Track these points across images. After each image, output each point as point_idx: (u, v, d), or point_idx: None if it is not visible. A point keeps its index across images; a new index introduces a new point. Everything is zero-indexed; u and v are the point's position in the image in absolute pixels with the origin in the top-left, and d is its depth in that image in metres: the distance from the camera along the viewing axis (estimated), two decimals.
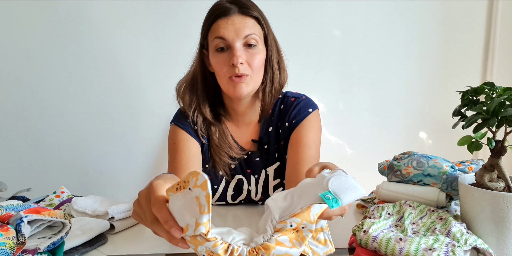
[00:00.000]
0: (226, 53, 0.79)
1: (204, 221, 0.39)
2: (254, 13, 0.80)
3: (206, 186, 0.38)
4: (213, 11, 0.80)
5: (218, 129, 0.89)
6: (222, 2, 0.80)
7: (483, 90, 0.61)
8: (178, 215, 0.41)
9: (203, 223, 0.39)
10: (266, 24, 0.83)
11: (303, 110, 0.89)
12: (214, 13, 0.80)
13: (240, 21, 0.78)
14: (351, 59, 1.58)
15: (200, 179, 0.39)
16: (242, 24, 0.78)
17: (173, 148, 0.87)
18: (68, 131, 1.56)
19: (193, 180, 0.39)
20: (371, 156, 1.44)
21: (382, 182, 0.82)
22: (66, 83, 1.52)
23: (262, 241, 0.43)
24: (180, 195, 0.40)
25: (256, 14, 0.81)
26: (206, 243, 0.41)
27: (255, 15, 0.80)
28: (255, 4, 0.83)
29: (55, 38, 1.49)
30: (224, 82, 0.82)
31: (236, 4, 0.79)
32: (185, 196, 0.40)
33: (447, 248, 0.54)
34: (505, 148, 0.59)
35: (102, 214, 0.79)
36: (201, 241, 0.41)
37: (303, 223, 0.42)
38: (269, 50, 0.84)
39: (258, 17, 0.81)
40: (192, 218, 0.40)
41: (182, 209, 0.40)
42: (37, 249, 0.57)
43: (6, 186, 0.93)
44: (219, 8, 0.79)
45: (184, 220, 0.41)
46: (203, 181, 0.39)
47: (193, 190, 0.39)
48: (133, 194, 0.93)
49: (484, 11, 1.55)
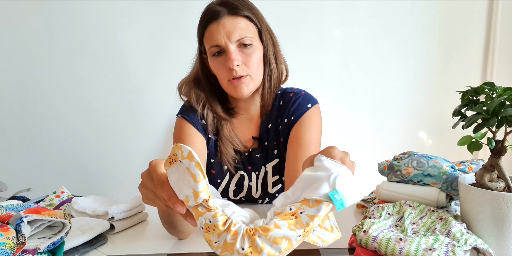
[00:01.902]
0: (222, 57, 0.80)
1: (201, 189, 0.40)
2: (244, 12, 0.79)
3: (193, 156, 0.39)
4: (204, 16, 0.81)
5: (230, 123, 0.90)
6: (211, 6, 0.80)
7: (483, 90, 0.61)
8: (177, 188, 0.41)
9: (201, 190, 0.40)
10: (258, 20, 0.82)
11: (302, 106, 0.88)
12: (205, 18, 0.80)
13: (230, 23, 0.78)
14: (351, 59, 1.58)
15: (185, 151, 0.39)
16: (233, 27, 0.77)
17: (179, 142, 0.87)
18: (68, 131, 1.56)
19: (179, 152, 0.40)
20: (371, 156, 1.44)
21: (382, 182, 0.82)
22: (66, 83, 1.52)
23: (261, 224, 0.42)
24: (174, 168, 0.41)
25: (247, 13, 0.80)
26: (207, 213, 0.41)
27: (246, 14, 0.80)
28: (245, 1, 0.82)
29: (55, 38, 1.49)
30: (225, 85, 0.83)
31: (225, 5, 0.79)
32: (177, 168, 0.41)
33: (447, 248, 0.54)
34: (505, 148, 0.59)
35: (102, 214, 0.79)
36: (202, 211, 0.41)
37: (302, 207, 0.42)
38: (265, 45, 0.84)
39: (249, 15, 0.80)
40: (189, 189, 0.40)
41: (179, 181, 0.41)
42: (37, 249, 0.57)
43: (6, 186, 0.93)
44: (209, 13, 0.79)
45: (182, 192, 0.41)
46: (188, 152, 0.39)
47: (183, 162, 0.40)
48: (133, 194, 0.93)
49: (484, 11, 1.55)
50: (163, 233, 0.76)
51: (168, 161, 0.42)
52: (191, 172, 0.39)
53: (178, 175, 0.41)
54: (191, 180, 0.40)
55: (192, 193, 0.40)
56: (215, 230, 0.41)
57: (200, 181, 0.39)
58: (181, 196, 0.42)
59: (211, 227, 0.41)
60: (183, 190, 0.41)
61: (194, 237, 0.75)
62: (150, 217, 0.88)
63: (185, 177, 0.40)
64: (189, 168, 0.39)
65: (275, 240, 0.40)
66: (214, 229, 0.41)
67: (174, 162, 0.41)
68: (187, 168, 0.40)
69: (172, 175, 0.42)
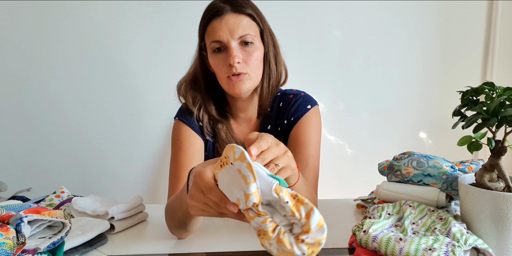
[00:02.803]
0: (223, 54, 0.80)
1: (252, 191, 0.39)
2: (247, 10, 0.80)
3: (244, 157, 0.39)
4: (207, 12, 0.81)
5: (226, 125, 0.90)
6: (215, 2, 0.81)
7: (483, 90, 0.61)
8: (227, 191, 0.41)
9: (252, 193, 0.39)
10: (261, 20, 0.83)
11: (301, 107, 0.88)
12: (208, 14, 0.80)
13: (234, 20, 0.78)
14: (351, 59, 1.58)
15: (237, 152, 0.39)
16: (236, 23, 0.78)
17: (177, 144, 0.87)
18: (68, 131, 1.56)
19: (231, 154, 0.40)
20: (371, 156, 1.44)
21: (382, 182, 0.82)
22: (66, 83, 1.52)
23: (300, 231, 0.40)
24: (225, 171, 0.41)
25: (250, 11, 0.80)
26: (257, 218, 0.40)
27: (249, 12, 0.80)
28: (249, 1, 0.83)
29: (55, 39, 1.49)
30: (224, 82, 0.82)
31: (229, 3, 0.80)
32: (229, 171, 0.40)
33: (447, 248, 0.54)
34: (505, 148, 0.59)
35: (102, 214, 0.79)
36: (253, 216, 0.40)
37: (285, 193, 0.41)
38: (266, 46, 0.84)
39: (252, 14, 0.81)
40: (240, 191, 0.39)
41: (229, 184, 0.40)
42: (37, 249, 0.57)
43: (6, 186, 0.93)
44: (213, 9, 0.79)
45: (233, 196, 0.40)
46: (240, 152, 0.39)
47: (234, 164, 0.39)
48: (133, 194, 0.93)
49: (484, 11, 1.55)
50: (163, 233, 0.76)
51: (219, 164, 0.41)
52: (242, 174, 0.39)
53: (229, 178, 0.40)
54: (242, 182, 0.39)
55: (243, 195, 0.39)
56: (265, 237, 0.40)
57: (250, 183, 0.38)
58: (232, 199, 0.41)
59: (262, 232, 0.41)
60: (234, 193, 0.40)
61: (194, 237, 0.75)
62: (150, 217, 0.88)
63: (236, 179, 0.40)
64: (240, 169, 0.39)
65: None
66: (264, 235, 0.40)
67: (225, 165, 0.41)
68: (238, 170, 0.39)
69: (222, 179, 0.41)
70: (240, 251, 0.68)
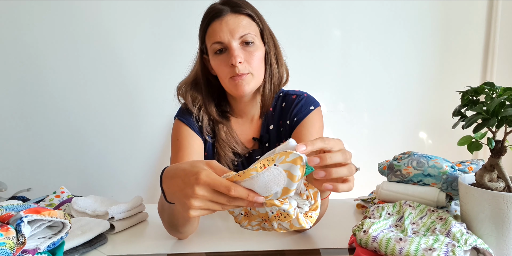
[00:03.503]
0: (224, 54, 0.80)
1: (294, 188, 0.46)
2: (247, 11, 0.81)
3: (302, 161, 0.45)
4: (207, 14, 0.82)
5: (226, 126, 0.90)
6: (214, 4, 0.82)
7: (483, 90, 0.61)
8: (263, 189, 0.47)
9: (293, 189, 0.46)
10: (260, 20, 0.84)
11: (304, 108, 0.89)
12: (207, 16, 0.81)
13: (234, 21, 0.79)
14: (351, 59, 1.58)
15: (291, 157, 0.45)
16: (236, 24, 0.78)
17: (176, 144, 0.87)
18: (68, 131, 1.56)
19: (282, 158, 0.46)
20: (371, 156, 1.44)
21: (382, 182, 0.82)
22: (66, 83, 1.53)
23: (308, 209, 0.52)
24: (267, 172, 0.46)
25: (249, 12, 0.81)
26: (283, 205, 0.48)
27: (249, 13, 0.81)
28: (247, 2, 0.84)
29: (55, 39, 1.49)
30: (226, 83, 0.83)
31: (228, 4, 0.80)
32: (271, 172, 0.46)
33: (447, 248, 0.54)
34: (505, 148, 0.59)
35: (102, 214, 0.79)
36: (278, 204, 0.48)
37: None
38: (266, 45, 0.84)
39: (252, 15, 0.82)
40: (278, 188, 0.46)
41: (269, 183, 0.46)
42: (37, 249, 0.57)
43: (6, 186, 0.94)
44: (212, 10, 0.80)
45: (269, 192, 0.47)
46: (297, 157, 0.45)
47: (279, 166, 0.46)
48: (133, 194, 0.93)
49: (484, 11, 1.55)
50: (163, 233, 0.76)
51: (259, 166, 0.47)
52: (290, 173, 0.45)
53: (271, 177, 0.46)
54: (287, 181, 0.46)
55: (281, 190, 0.47)
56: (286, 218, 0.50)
57: (297, 181, 0.45)
58: (265, 194, 0.47)
59: (283, 215, 0.50)
60: (272, 190, 0.47)
61: (194, 237, 0.75)
62: (150, 217, 0.88)
63: (279, 178, 0.46)
64: (290, 170, 0.45)
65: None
66: (286, 217, 0.50)
67: (265, 167, 0.46)
68: (286, 170, 0.45)
69: (261, 179, 0.46)
70: (240, 251, 0.68)
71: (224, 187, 0.47)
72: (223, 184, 0.47)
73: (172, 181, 0.52)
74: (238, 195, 0.47)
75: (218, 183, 0.47)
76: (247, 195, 0.48)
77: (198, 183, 0.47)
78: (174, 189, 0.52)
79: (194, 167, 0.50)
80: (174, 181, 0.52)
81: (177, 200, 0.52)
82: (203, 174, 0.48)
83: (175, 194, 0.52)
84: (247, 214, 0.56)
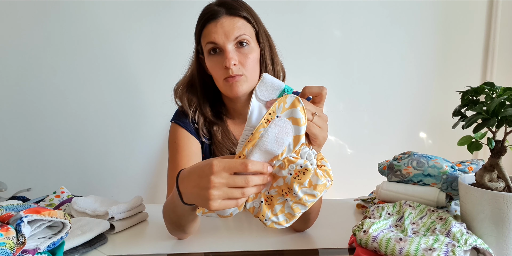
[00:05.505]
0: (219, 56, 0.80)
1: (303, 132, 0.47)
2: (242, 13, 0.81)
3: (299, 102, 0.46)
4: (202, 16, 0.82)
5: (221, 127, 0.90)
6: (210, 6, 0.82)
7: (483, 90, 0.61)
8: (275, 144, 0.47)
9: (303, 133, 0.47)
10: (256, 21, 0.83)
11: None
12: (203, 18, 0.81)
13: (229, 23, 0.79)
14: (351, 59, 1.58)
15: (288, 101, 0.46)
16: (231, 26, 0.78)
17: (174, 147, 0.87)
18: (68, 131, 1.56)
19: (281, 106, 0.46)
20: (371, 156, 1.44)
21: (382, 182, 0.82)
22: (65, 83, 1.53)
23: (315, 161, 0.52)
24: (273, 125, 0.47)
25: (245, 14, 0.81)
26: (298, 160, 0.48)
27: (244, 15, 0.81)
28: (244, 3, 0.84)
29: (55, 39, 1.49)
30: (221, 84, 0.83)
31: (224, 5, 0.80)
32: (277, 124, 0.47)
33: (447, 248, 0.54)
34: (505, 148, 0.59)
35: (102, 214, 0.79)
36: (293, 160, 0.48)
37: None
38: (262, 47, 0.84)
39: (247, 16, 0.81)
40: (289, 137, 0.47)
41: (279, 134, 0.47)
42: (37, 249, 0.57)
43: (6, 186, 0.94)
44: (208, 12, 0.80)
45: (283, 145, 0.47)
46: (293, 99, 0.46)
47: (281, 115, 0.46)
48: (133, 194, 0.93)
49: (484, 11, 1.55)
50: (163, 233, 0.76)
51: (264, 122, 0.47)
52: (294, 118, 0.46)
53: (278, 129, 0.46)
54: (294, 127, 0.46)
55: (292, 140, 0.47)
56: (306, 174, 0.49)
57: (303, 124, 0.46)
58: (279, 150, 0.47)
59: (302, 172, 0.49)
60: (284, 142, 0.47)
61: (194, 237, 0.75)
62: (150, 217, 0.88)
63: (286, 127, 0.46)
64: (293, 115, 0.45)
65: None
66: (305, 174, 0.49)
67: (270, 121, 0.46)
68: (289, 118, 0.46)
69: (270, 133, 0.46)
70: (240, 251, 0.68)
71: (240, 164, 0.48)
72: (237, 162, 0.49)
73: (188, 179, 0.54)
74: (255, 169, 0.48)
75: (233, 163, 0.49)
76: (262, 167, 0.49)
77: (213, 172, 0.49)
78: (191, 185, 0.53)
79: (206, 161, 0.52)
80: (190, 178, 0.53)
81: (195, 196, 0.52)
82: (215, 162, 0.49)
83: (193, 191, 0.52)
84: (267, 200, 0.53)
